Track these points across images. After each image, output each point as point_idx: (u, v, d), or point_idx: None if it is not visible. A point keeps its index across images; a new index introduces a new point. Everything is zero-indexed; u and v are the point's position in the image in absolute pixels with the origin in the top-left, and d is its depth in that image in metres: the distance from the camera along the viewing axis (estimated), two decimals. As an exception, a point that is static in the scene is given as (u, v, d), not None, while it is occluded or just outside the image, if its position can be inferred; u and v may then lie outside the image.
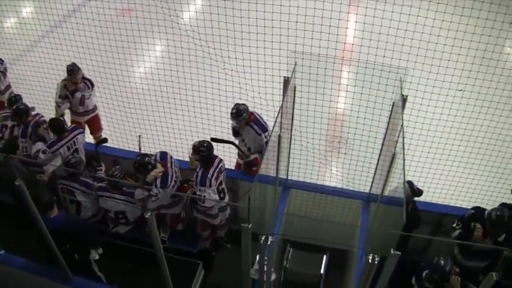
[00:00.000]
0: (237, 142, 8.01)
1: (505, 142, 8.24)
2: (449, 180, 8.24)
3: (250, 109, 7.79)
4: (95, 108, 9.20)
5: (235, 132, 7.95)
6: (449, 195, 8.15)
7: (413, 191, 6.86)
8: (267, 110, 8.11)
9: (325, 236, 6.01)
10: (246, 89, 8.56)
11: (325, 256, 7.62)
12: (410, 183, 6.85)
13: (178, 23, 9.21)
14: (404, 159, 5.21)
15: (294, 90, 6.59)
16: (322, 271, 7.48)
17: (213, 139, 7.50)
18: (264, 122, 7.78)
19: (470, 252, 6.70)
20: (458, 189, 8.19)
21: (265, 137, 7.67)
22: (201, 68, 8.56)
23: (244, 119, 7.64)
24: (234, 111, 7.61)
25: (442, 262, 6.00)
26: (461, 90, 7.68)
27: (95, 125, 9.31)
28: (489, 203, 7.87)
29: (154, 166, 6.99)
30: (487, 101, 7.77)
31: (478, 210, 6.74)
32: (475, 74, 7.59)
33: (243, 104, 7.67)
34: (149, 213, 5.18)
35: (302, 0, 7.59)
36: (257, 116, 7.80)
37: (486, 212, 6.56)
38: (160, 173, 6.99)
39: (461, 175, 8.20)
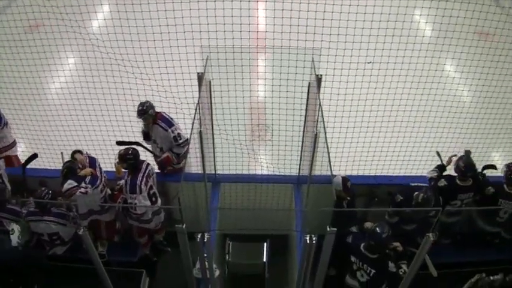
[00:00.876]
0: (149, 147, 7.97)
1: (420, 106, 8.53)
2: (372, 151, 8.43)
3: (165, 109, 7.77)
4: (7, 148, 8.56)
5: (146, 135, 7.90)
6: (374, 165, 8.34)
7: (345, 187, 6.89)
8: (182, 109, 8.02)
9: (262, 224, 6.06)
10: (158, 90, 8.44)
11: (265, 244, 7.67)
12: (344, 179, 6.92)
13: (81, 33, 8.95)
14: (326, 137, 5.31)
15: (210, 85, 6.57)
16: (264, 259, 7.54)
17: (118, 142, 7.51)
18: (171, 118, 7.75)
19: (406, 220, 6.96)
20: (383, 158, 8.40)
21: (172, 132, 7.66)
22: (111, 75, 8.35)
23: (150, 115, 7.59)
24: (139, 108, 7.55)
25: (378, 229, 6.14)
26: (370, 62, 7.84)
27: (9, 165, 8.47)
28: (413, 168, 8.18)
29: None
30: (397, 69, 7.97)
31: (405, 196, 6.92)
32: (382, 45, 7.75)
33: (147, 101, 7.62)
34: (82, 230, 5.08)
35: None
36: (164, 114, 7.76)
37: (414, 194, 6.67)
38: (90, 174, 6.94)
39: (383, 144, 8.40)
